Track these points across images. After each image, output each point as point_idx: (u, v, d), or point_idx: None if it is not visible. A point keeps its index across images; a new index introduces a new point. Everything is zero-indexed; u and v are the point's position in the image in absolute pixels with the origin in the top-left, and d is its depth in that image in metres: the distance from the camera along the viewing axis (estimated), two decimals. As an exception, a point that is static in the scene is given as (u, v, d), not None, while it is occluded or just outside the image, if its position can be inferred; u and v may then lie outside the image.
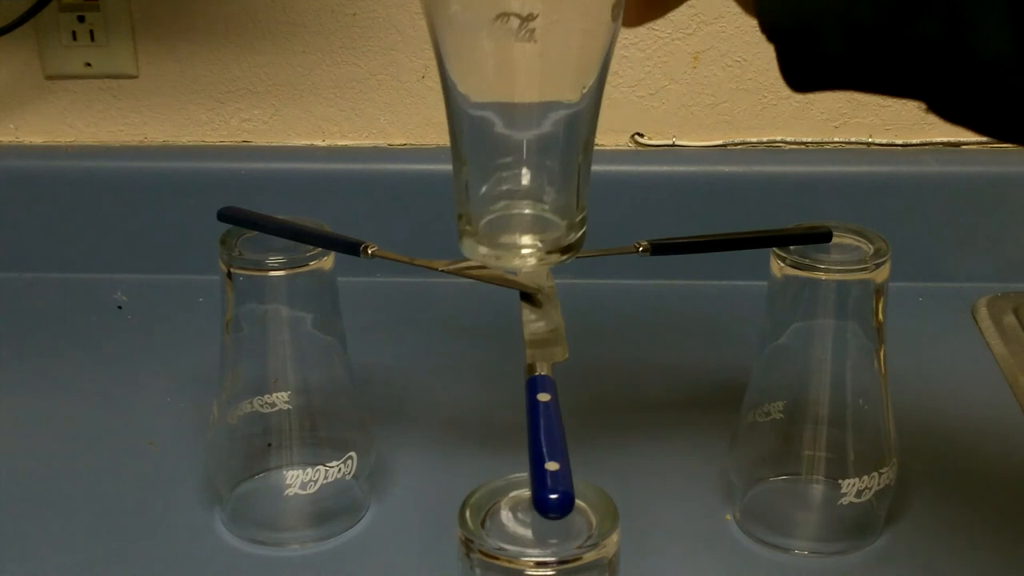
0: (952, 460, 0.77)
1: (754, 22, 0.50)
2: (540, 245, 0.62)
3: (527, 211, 0.62)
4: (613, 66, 0.61)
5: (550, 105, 0.59)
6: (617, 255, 0.68)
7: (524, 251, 0.62)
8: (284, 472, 0.69)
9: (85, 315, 0.96)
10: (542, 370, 0.57)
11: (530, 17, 0.54)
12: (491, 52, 0.56)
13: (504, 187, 0.61)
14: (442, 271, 0.66)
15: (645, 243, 0.68)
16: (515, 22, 0.54)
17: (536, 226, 0.62)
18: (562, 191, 0.62)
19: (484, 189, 0.62)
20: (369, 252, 0.66)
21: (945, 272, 0.99)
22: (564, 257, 0.62)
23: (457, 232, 0.62)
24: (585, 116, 0.60)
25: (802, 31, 0.47)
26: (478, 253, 0.62)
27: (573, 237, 0.62)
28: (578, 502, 0.50)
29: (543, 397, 0.55)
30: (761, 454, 0.70)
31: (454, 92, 0.59)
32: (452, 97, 0.59)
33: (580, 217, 0.62)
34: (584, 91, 0.59)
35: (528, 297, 0.64)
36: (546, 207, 0.62)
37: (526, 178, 0.61)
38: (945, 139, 1.00)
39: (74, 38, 0.99)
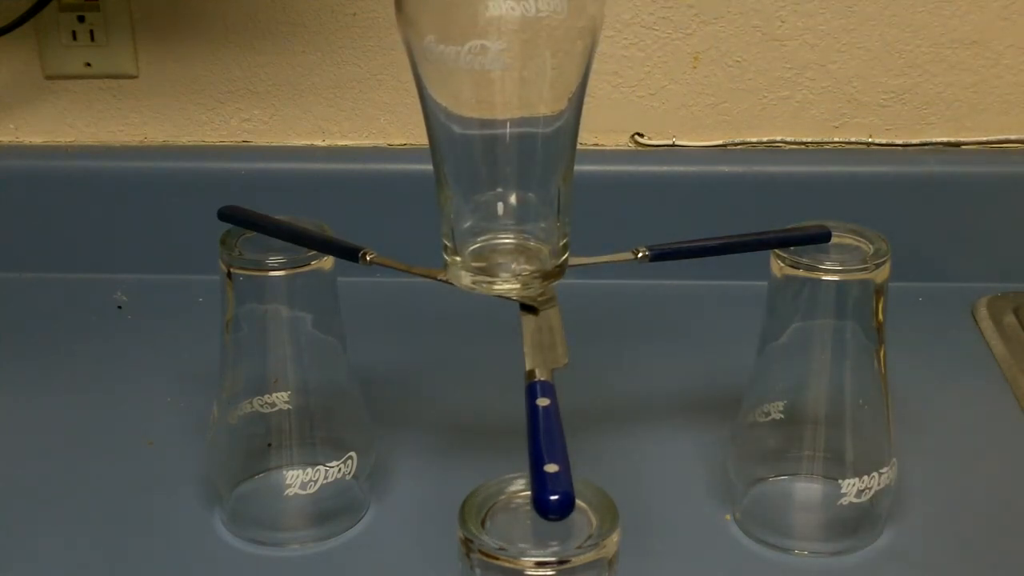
0: (952, 460, 0.77)
1: (754, 22, 0.50)
2: (523, 273, 0.63)
3: (510, 239, 0.63)
4: (613, 66, 0.62)
5: (528, 130, 0.61)
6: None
7: (507, 279, 0.63)
8: (284, 472, 0.69)
9: (85, 315, 0.96)
10: (542, 375, 0.57)
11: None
12: (467, 78, 0.58)
13: (487, 214, 0.63)
14: (440, 280, 0.66)
15: (645, 250, 0.66)
16: (488, 50, 0.56)
17: (519, 254, 0.63)
18: (544, 217, 0.63)
19: (467, 218, 0.63)
20: (368, 259, 0.66)
21: (945, 272, 0.99)
22: (547, 283, 0.63)
23: (443, 260, 0.64)
24: (563, 141, 0.62)
25: None
26: (463, 281, 0.64)
27: (555, 262, 0.64)
28: (578, 502, 0.50)
29: (542, 402, 0.55)
30: (761, 454, 0.70)
31: (435, 118, 0.61)
32: (434, 123, 0.61)
33: (563, 243, 0.64)
34: (561, 115, 0.61)
35: (527, 307, 0.64)
36: (528, 234, 0.63)
37: (508, 205, 0.63)
38: (945, 139, 1.00)
39: (74, 38, 0.99)
